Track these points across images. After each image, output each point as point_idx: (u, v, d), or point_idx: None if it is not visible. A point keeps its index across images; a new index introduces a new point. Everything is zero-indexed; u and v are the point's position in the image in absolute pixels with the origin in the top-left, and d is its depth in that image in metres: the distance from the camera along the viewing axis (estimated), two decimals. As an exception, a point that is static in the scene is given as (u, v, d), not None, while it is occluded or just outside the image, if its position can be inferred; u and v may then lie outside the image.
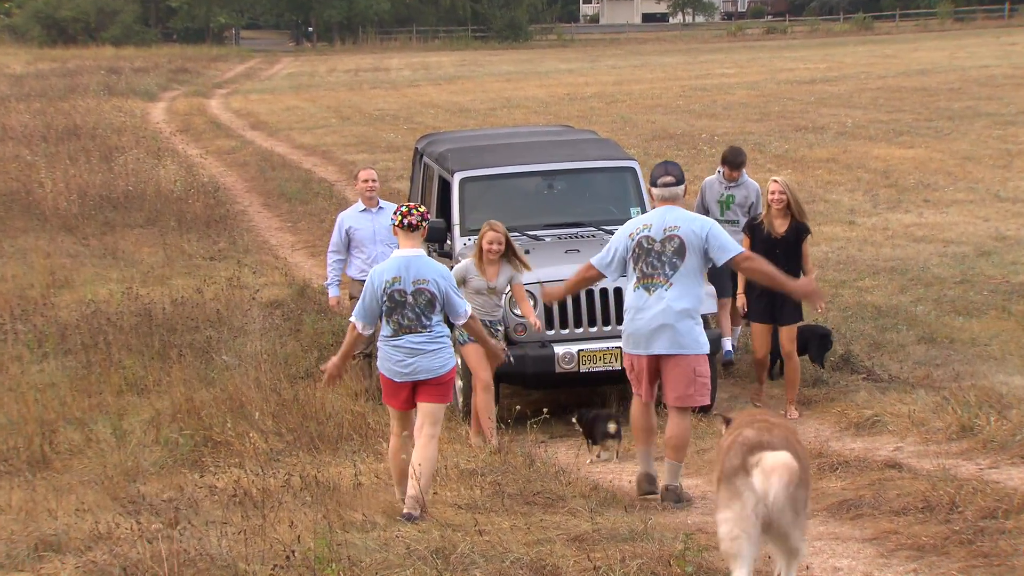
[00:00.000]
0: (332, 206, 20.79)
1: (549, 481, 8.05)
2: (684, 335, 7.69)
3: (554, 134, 13.55)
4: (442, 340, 7.48)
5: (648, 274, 7.75)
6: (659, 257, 7.74)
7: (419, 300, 7.43)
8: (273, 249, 18.13)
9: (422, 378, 7.44)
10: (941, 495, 7.17)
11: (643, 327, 7.74)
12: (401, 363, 7.44)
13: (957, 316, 12.92)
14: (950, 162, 21.61)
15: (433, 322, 7.45)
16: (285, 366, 11.39)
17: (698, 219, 7.82)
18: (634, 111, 30.39)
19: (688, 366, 7.70)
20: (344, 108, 35.44)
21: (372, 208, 11.40)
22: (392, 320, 7.44)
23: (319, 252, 18.09)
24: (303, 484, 8.02)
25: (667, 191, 7.85)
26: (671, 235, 7.73)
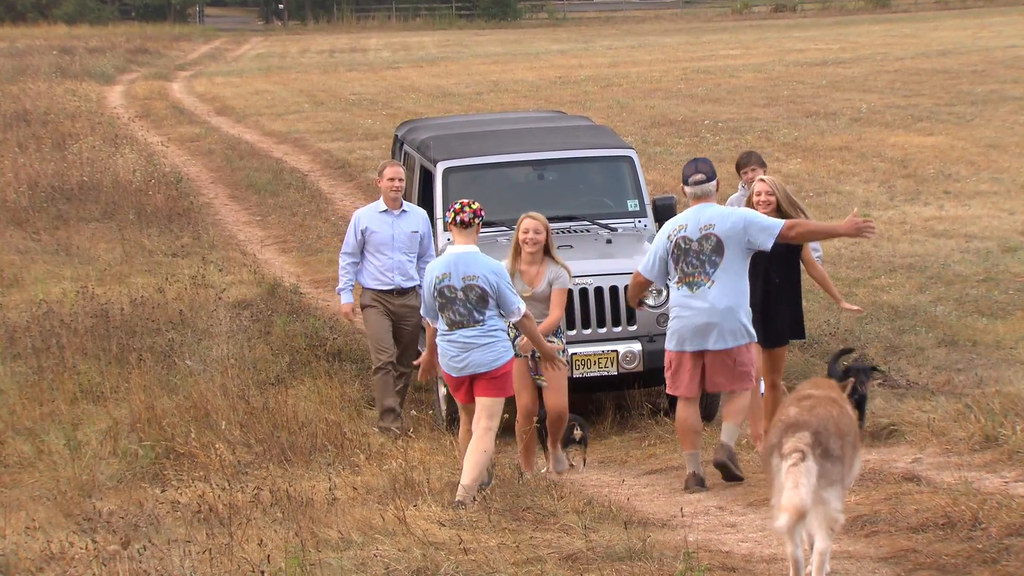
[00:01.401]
0: (304, 198, 20.79)
1: (540, 495, 8.06)
2: (729, 332, 8.36)
3: (545, 120, 13.56)
4: (496, 333, 8.10)
5: (689, 273, 8.40)
6: (698, 256, 8.36)
7: (470, 296, 8.10)
8: (241, 245, 18.12)
9: (477, 371, 8.07)
10: (963, 510, 7.20)
11: (688, 325, 8.41)
12: (456, 358, 8.15)
13: (980, 317, 12.96)
14: (973, 150, 21.68)
15: (486, 316, 8.10)
16: (254, 371, 11.38)
17: (732, 213, 8.44)
18: (631, 96, 30.43)
19: (729, 358, 8.39)
20: (318, 92, 35.42)
21: (394, 210, 10.84)
22: (445, 315, 8.14)
23: (290, 248, 18.08)
24: (273, 499, 8.02)
25: (699, 189, 8.46)
26: (708, 233, 8.35)
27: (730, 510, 8.05)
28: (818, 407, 6.54)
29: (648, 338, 10.61)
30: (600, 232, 11.32)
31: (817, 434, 6.39)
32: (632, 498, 8.46)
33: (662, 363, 10.52)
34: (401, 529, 7.28)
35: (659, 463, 9.60)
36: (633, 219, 11.56)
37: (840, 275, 14.58)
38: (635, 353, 10.58)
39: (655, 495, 8.66)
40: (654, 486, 8.94)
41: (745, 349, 8.45)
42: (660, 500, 8.49)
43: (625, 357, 10.57)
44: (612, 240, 11.19)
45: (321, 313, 14.11)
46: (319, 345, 12.45)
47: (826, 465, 6.33)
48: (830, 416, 6.51)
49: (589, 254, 10.94)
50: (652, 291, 10.61)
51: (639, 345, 10.60)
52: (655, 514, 8.05)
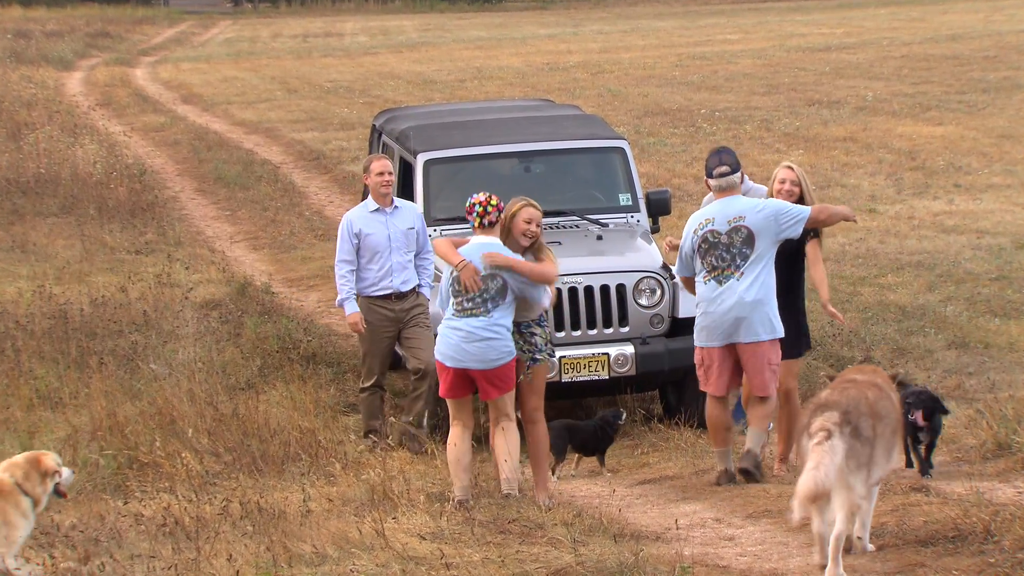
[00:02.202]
0: (277, 192, 20.76)
1: (526, 507, 8.07)
2: (759, 324, 8.66)
3: (532, 109, 13.57)
4: (500, 330, 8.26)
5: (717, 267, 8.69)
6: (728, 249, 8.67)
7: (490, 286, 8.32)
8: (209, 241, 18.09)
9: (473, 368, 8.24)
10: (974, 522, 7.22)
11: (718, 320, 8.69)
12: (455, 347, 8.33)
13: (993, 318, 13.00)
14: (985, 141, 21.74)
15: (496, 309, 8.29)
16: (223, 376, 11.36)
17: (763, 204, 8.73)
18: (623, 83, 30.46)
19: (764, 355, 8.69)
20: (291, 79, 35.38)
21: (386, 207, 10.51)
22: (457, 301, 8.38)
23: (262, 245, 18.07)
24: (243, 511, 8.01)
25: (724, 181, 8.75)
26: (737, 226, 8.65)
27: (728, 522, 8.06)
28: (852, 389, 6.83)
29: (641, 340, 10.63)
30: (590, 228, 11.33)
31: (847, 413, 6.65)
32: (624, 509, 8.47)
33: (656, 366, 10.63)
34: (379, 543, 7.27)
35: (653, 472, 9.61)
36: (625, 214, 11.57)
37: (845, 273, 14.61)
38: (627, 356, 10.60)
39: (648, 506, 8.67)
40: (647, 497, 8.95)
41: (775, 346, 8.76)
42: (654, 512, 8.50)
43: (617, 360, 10.59)
44: (603, 237, 11.20)
45: (294, 314, 14.10)
46: (292, 348, 12.44)
47: (855, 445, 6.57)
48: (864, 397, 6.77)
49: (579, 251, 10.95)
50: (645, 291, 10.64)
51: (631, 348, 10.62)
52: (648, 526, 8.06)
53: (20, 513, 7.14)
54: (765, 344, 8.71)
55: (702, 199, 19.58)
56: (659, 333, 10.73)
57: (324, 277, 16.14)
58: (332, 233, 18.32)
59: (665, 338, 10.72)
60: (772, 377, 8.80)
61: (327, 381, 11.85)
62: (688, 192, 18.91)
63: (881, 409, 6.87)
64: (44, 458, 7.34)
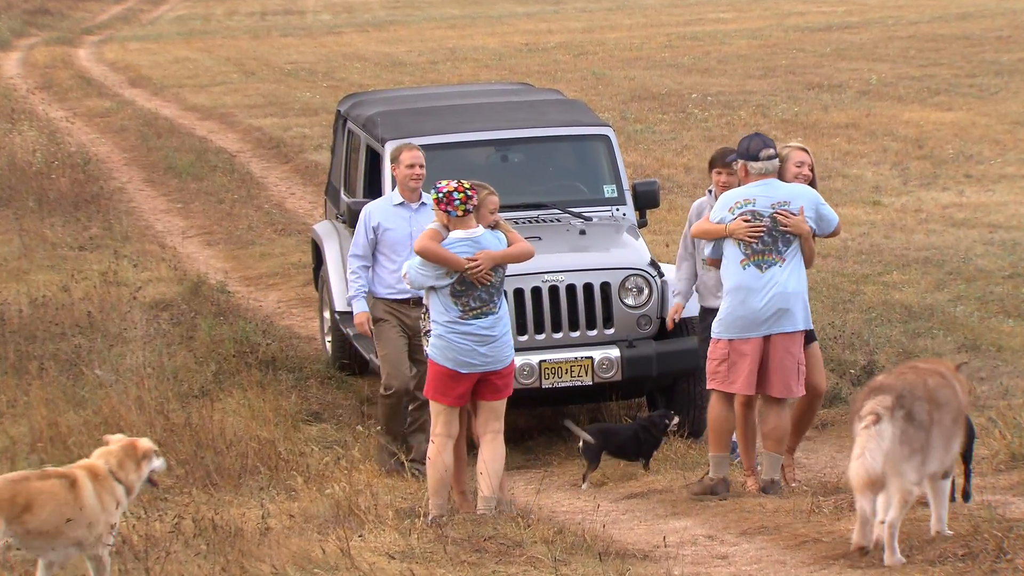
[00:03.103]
0: (233, 183, 20.73)
1: (504, 524, 8.09)
2: (800, 313, 8.81)
3: (510, 94, 13.58)
4: (505, 323, 8.42)
5: (760, 251, 8.79)
6: (770, 233, 8.78)
7: (495, 279, 8.44)
8: (159, 236, 18.05)
9: (490, 369, 8.34)
10: (986, 539, 7.26)
11: (759, 309, 8.76)
12: (469, 352, 8.38)
13: (1006, 318, 13.06)
14: (997, 128, 21.83)
15: (501, 303, 8.39)
16: (175, 382, 11.34)
17: (805, 192, 8.90)
18: (608, 65, 30.50)
19: (796, 351, 8.81)
20: (247, 60, 35.32)
21: (412, 203, 10.16)
22: (461, 302, 8.40)
23: (217, 240, 18.04)
24: (197, 529, 8.00)
25: (770, 164, 8.91)
26: (784, 211, 8.79)
27: (720, 539, 8.09)
28: (911, 374, 7.09)
29: (627, 343, 10.65)
30: (572, 222, 11.35)
31: (900, 397, 6.88)
32: (609, 526, 8.49)
33: (642, 371, 10.65)
34: (344, 563, 7.27)
35: (640, 486, 9.63)
36: (610, 207, 11.59)
37: (847, 270, 14.67)
38: (613, 360, 10.62)
39: (635, 522, 8.69)
40: (634, 512, 8.98)
41: (803, 339, 8.87)
42: (641, 528, 8.52)
43: (601, 365, 10.61)
44: (586, 231, 11.22)
45: (252, 315, 14.08)
46: (250, 352, 12.43)
47: (908, 430, 6.80)
48: (922, 383, 7.00)
49: (560, 247, 10.97)
50: (632, 290, 10.66)
51: (617, 351, 10.64)
52: (635, 544, 8.08)
53: (114, 503, 7.33)
54: (800, 335, 8.83)
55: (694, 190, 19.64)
56: (647, 335, 10.75)
57: (284, 275, 16.12)
58: (293, 227, 18.40)
59: (653, 341, 10.73)
60: (801, 376, 8.85)
61: (288, 388, 11.83)
62: (678, 183, 18.96)
63: (941, 396, 7.07)
64: (139, 443, 7.51)
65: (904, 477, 6.89)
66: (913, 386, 7.03)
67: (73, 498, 7.17)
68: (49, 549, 7.18)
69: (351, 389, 12.34)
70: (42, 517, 7.07)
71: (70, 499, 7.17)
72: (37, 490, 7.11)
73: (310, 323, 14.28)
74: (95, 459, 7.41)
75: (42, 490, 7.12)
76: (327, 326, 12.97)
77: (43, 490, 7.13)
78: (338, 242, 12.73)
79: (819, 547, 7.67)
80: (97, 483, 7.28)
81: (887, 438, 6.81)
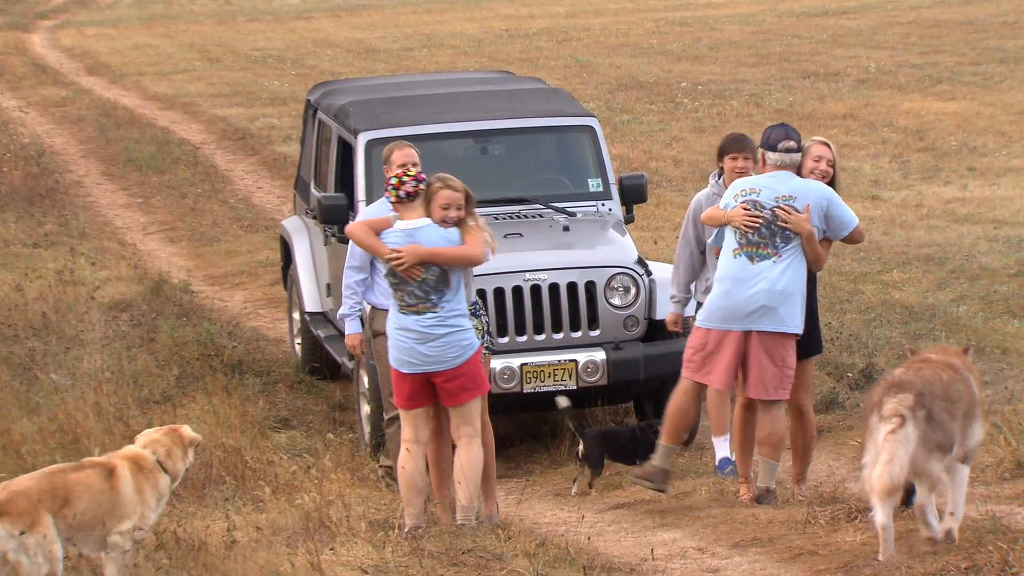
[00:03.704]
0: (196, 176, 20.70)
1: (483, 536, 8.09)
2: (787, 314, 8.76)
3: (489, 83, 13.59)
4: (455, 322, 8.30)
5: (755, 242, 8.77)
6: (769, 227, 8.76)
7: (427, 276, 8.32)
8: (118, 233, 18.02)
9: (431, 370, 8.27)
10: (990, 552, 7.28)
11: (741, 302, 8.74)
12: (407, 350, 8.36)
13: (1012, 319, 13.11)
14: (1002, 118, 21.91)
15: (443, 299, 8.32)
16: (135, 387, 11.33)
17: (816, 188, 8.83)
18: (593, 52, 30.52)
19: (780, 354, 8.77)
20: (212, 47, 35.26)
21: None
22: (397, 296, 8.42)
23: (179, 237, 18.01)
24: (158, 542, 7.99)
25: (788, 157, 8.89)
26: (787, 206, 8.77)
27: (712, 552, 8.11)
28: (927, 369, 7.30)
29: (614, 345, 10.66)
30: (556, 218, 11.35)
31: (920, 396, 7.11)
32: (594, 538, 8.50)
33: (629, 375, 10.66)
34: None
35: (626, 496, 9.65)
36: (595, 202, 11.60)
37: (844, 269, 14.71)
38: (598, 363, 10.63)
39: (621, 534, 8.70)
40: (620, 523, 8.99)
41: (793, 345, 8.84)
42: (628, 540, 8.53)
43: (586, 368, 10.62)
44: (570, 227, 11.23)
45: (217, 316, 14.06)
46: (215, 355, 12.41)
47: (928, 431, 7.07)
48: (938, 379, 7.24)
49: (542, 244, 10.97)
50: (618, 289, 10.67)
51: (603, 354, 10.65)
52: (621, 557, 8.09)
53: (157, 493, 7.41)
54: (785, 337, 8.78)
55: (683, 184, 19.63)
56: (634, 337, 10.76)
57: (251, 274, 16.10)
58: (260, 223, 18.39)
59: (641, 343, 10.75)
60: (783, 381, 8.83)
61: (255, 393, 11.82)
62: (667, 176, 19.00)
63: (955, 392, 7.33)
64: (183, 430, 7.59)
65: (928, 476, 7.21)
66: (931, 383, 7.25)
67: (109, 488, 7.26)
68: (94, 544, 7.27)
69: (322, 394, 12.33)
70: (79, 510, 7.16)
71: (106, 489, 7.25)
72: (74, 482, 7.19)
73: (278, 324, 14.27)
74: (140, 447, 7.49)
75: (78, 482, 7.20)
76: (296, 328, 12.97)
77: (79, 482, 7.20)
78: (308, 239, 12.72)
79: (815, 560, 7.68)
80: (140, 474, 7.37)
81: (912, 441, 7.07)
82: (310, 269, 12.55)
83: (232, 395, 11.27)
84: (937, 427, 7.19)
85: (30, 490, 7.10)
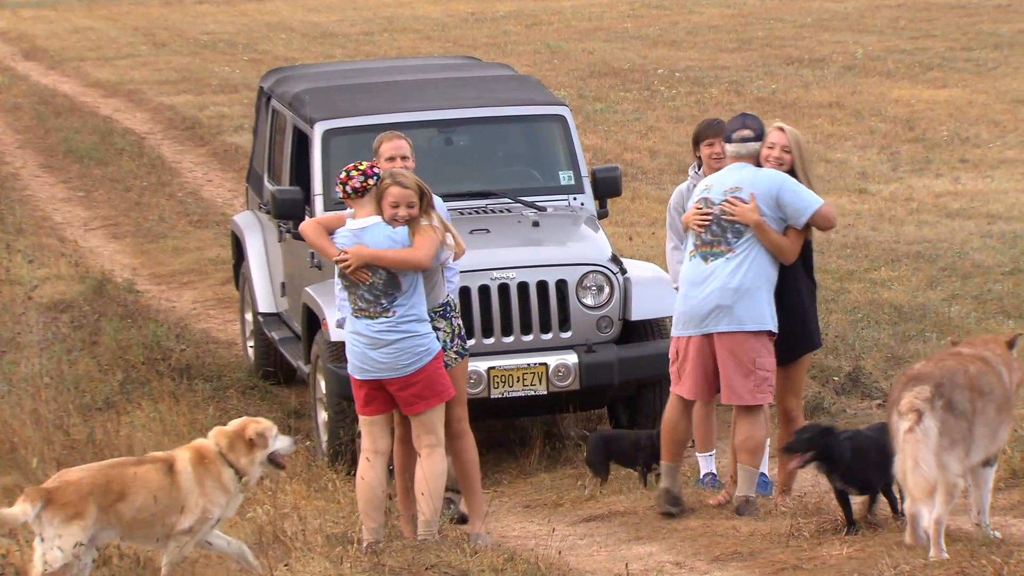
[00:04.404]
0: (142, 168, 20.64)
1: (448, 550, 8.10)
2: (744, 312, 8.81)
3: (454, 69, 13.59)
4: (409, 327, 8.32)
5: (708, 241, 8.91)
6: (718, 222, 8.87)
7: (375, 279, 8.33)
8: (58, 229, 17.95)
9: (384, 377, 8.33)
10: (984, 565, 7.31)
11: (697, 304, 8.87)
12: (359, 356, 8.43)
13: (1006, 319, 13.17)
14: (996, 107, 22.01)
15: (396, 304, 8.31)
16: (76, 393, 11.29)
17: (763, 175, 8.91)
18: (564, 37, 30.55)
19: (747, 355, 8.80)
20: (158, 30, 35.16)
21: None
22: (351, 299, 8.46)
23: (124, 233, 17.95)
24: (101, 559, 7.96)
25: (743, 148, 8.98)
26: (733, 197, 8.86)
27: (690, 567, 8.13)
28: (951, 360, 7.45)
29: (586, 347, 10.68)
30: (525, 212, 11.37)
31: (939, 386, 7.25)
32: (565, 552, 8.51)
33: (603, 379, 10.68)
34: (269, 595, 7.26)
35: (600, 507, 9.66)
36: (566, 195, 11.62)
37: (830, 267, 14.75)
38: (569, 367, 10.64)
39: (595, 548, 8.72)
40: (593, 536, 9.00)
41: (765, 344, 8.85)
42: (601, 555, 8.55)
43: (557, 372, 10.63)
44: (540, 223, 11.24)
45: (164, 317, 14.03)
46: (162, 359, 12.39)
47: (949, 420, 7.19)
48: (962, 370, 7.35)
49: (510, 241, 10.98)
50: (591, 288, 10.69)
51: (575, 356, 10.66)
52: (595, 572, 8.11)
53: (221, 486, 7.53)
54: (748, 337, 8.81)
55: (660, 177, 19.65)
56: (608, 339, 10.78)
57: (200, 272, 16.07)
58: (210, 218, 18.35)
59: (615, 345, 10.76)
60: (757, 383, 8.85)
61: (205, 399, 11.80)
62: (643, 169, 19.03)
63: (984, 384, 7.43)
64: (249, 425, 7.71)
65: (947, 470, 7.26)
66: (953, 373, 7.37)
67: (169, 483, 7.41)
68: (152, 540, 7.45)
69: (276, 400, 12.32)
70: (136, 505, 7.32)
71: (165, 484, 7.40)
72: (132, 476, 7.37)
73: (230, 326, 14.24)
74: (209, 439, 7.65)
75: (136, 476, 7.38)
76: (249, 330, 12.95)
77: (137, 476, 7.38)
78: (261, 235, 12.70)
79: (799, 575, 7.71)
80: (200, 466, 7.50)
81: (932, 435, 7.19)
82: (264, 267, 12.53)
83: (180, 402, 11.25)
84: (959, 417, 7.30)
85: (82, 482, 7.30)
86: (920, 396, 7.23)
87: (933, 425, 7.20)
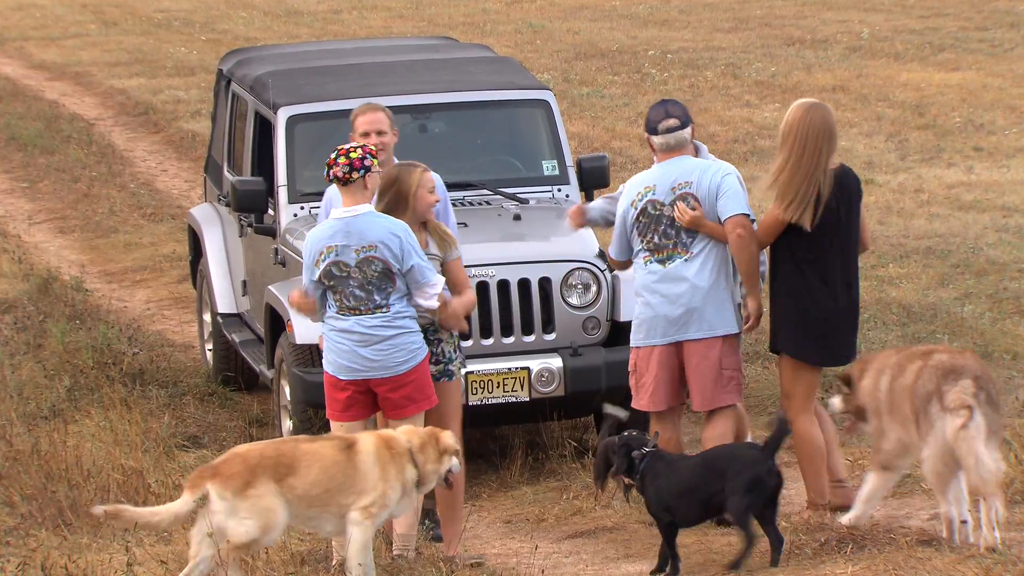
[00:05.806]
0: (91, 157, 20.60)
1: (422, 568, 8.11)
2: (712, 315, 8.91)
3: (429, 50, 13.60)
4: (403, 323, 8.41)
5: (661, 245, 8.95)
6: (672, 223, 8.90)
7: (368, 272, 8.43)
8: (0, 223, 17.92)
9: (376, 376, 8.38)
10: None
11: (661, 311, 8.94)
12: (348, 355, 8.47)
13: (1022, 320, 13.20)
14: (1013, 91, 22.05)
15: (391, 299, 8.40)
16: (19, 400, 11.28)
17: (713, 166, 8.93)
18: (548, 16, 30.57)
19: (715, 358, 8.90)
20: (108, 8, 35.10)
21: None
22: (336, 299, 8.51)
23: (71, 227, 17.92)
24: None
25: (672, 138, 8.93)
26: (684, 193, 8.90)
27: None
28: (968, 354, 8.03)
29: (572, 350, 10.69)
30: (505, 205, 11.38)
31: (978, 379, 7.73)
32: (549, 570, 8.53)
33: (590, 384, 10.70)
34: (229, 618, 7.27)
35: (586, 522, 9.68)
36: (550, 187, 11.64)
37: (833, 263, 14.76)
38: (553, 372, 10.66)
39: (580, 566, 8.74)
40: (579, 554, 9.02)
41: (732, 347, 8.94)
42: (588, 573, 8.57)
43: (540, 377, 10.65)
44: (522, 216, 11.26)
45: (115, 318, 14.02)
46: (113, 363, 12.38)
47: (990, 414, 7.66)
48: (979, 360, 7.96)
49: (490, 235, 11.00)
50: (576, 287, 10.71)
51: (559, 360, 10.68)
52: (581, 593, 8.12)
53: (400, 481, 7.72)
54: (719, 342, 8.92)
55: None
56: (595, 341, 10.80)
57: (154, 270, 16.05)
58: (164, 211, 18.33)
59: (603, 348, 10.78)
60: (727, 383, 8.95)
61: (159, 407, 11.80)
62: (632, 158, 19.03)
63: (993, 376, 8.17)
64: (444, 436, 7.95)
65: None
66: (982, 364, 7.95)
67: (346, 460, 7.60)
68: (332, 524, 7.66)
69: (237, 408, 12.31)
70: (308, 480, 7.51)
71: (341, 460, 7.60)
72: (304, 451, 7.58)
73: (187, 328, 14.23)
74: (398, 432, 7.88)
75: (308, 451, 7.59)
76: (207, 332, 12.94)
77: (309, 451, 7.59)
78: (221, 229, 12.69)
79: (801, 594, 7.75)
80: (386, 452, 7.70)
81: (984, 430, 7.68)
82: (223, 264, 12.52)
83: (133, 409, 11.24)
84: (995, 408, 7.77)
85: (250, 453, 7.53)
86: (967, 391, 7.64)
87: (983, 421, 7.65)
